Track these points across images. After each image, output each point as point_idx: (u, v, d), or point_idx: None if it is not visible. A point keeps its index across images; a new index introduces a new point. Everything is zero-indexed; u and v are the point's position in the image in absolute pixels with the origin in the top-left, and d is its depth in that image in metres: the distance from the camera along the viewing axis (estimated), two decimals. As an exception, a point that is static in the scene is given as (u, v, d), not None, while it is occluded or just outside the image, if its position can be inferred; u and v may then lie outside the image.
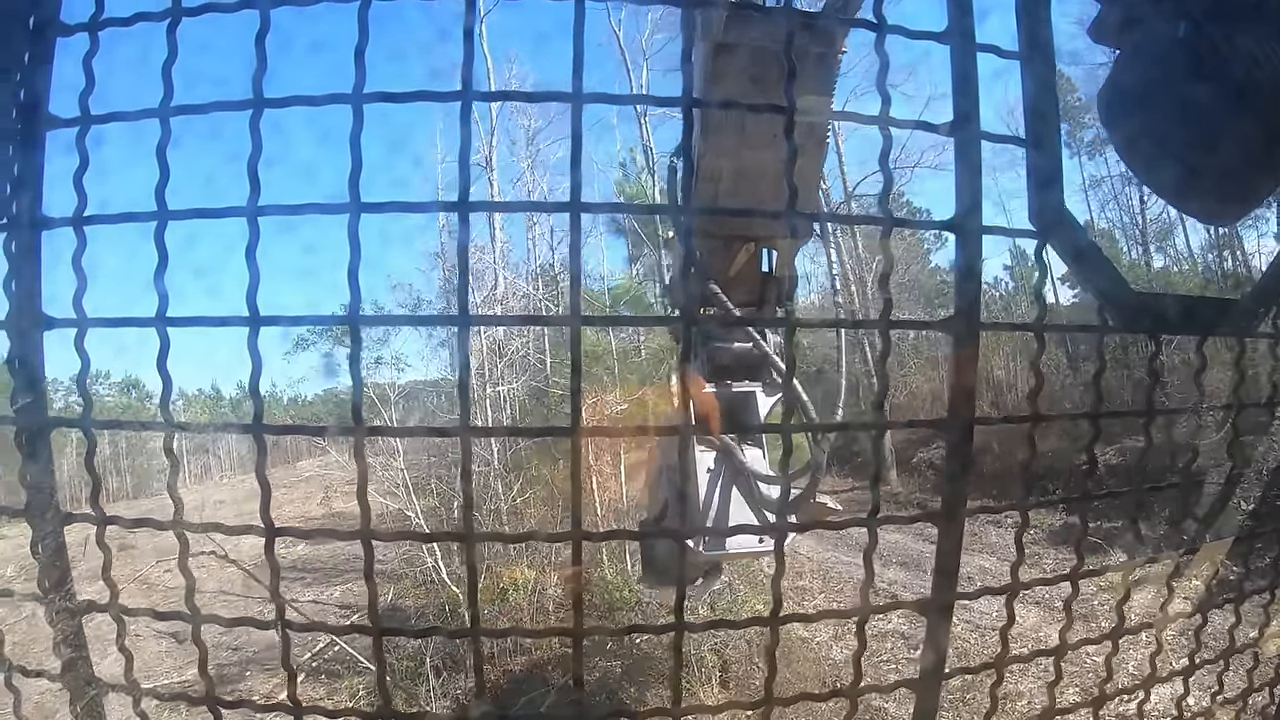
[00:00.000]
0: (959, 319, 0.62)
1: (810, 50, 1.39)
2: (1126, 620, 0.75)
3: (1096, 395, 0.72)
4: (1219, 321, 0.78)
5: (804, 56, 1.28)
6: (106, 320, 0.77)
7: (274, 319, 0.70)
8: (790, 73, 0.62)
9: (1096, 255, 0.69)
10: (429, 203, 0.65)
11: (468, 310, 0.59)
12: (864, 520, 0.63)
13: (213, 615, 0.74)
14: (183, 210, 0.73)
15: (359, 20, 0.68)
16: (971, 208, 0.62)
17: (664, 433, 0.63)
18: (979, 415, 0.64)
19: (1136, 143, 0.76)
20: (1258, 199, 0.84)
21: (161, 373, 0.74)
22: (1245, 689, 0.89)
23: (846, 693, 0.64)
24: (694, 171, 1.62)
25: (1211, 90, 0.75)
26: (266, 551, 0.66)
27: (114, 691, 0.80)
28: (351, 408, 0.62)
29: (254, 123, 0.70)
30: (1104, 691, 0.76)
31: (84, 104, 0.79)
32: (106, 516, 0.78)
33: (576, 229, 0.58)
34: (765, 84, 1.48)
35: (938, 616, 0.64)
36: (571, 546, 0.60)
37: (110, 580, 0.78)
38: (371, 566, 0.66)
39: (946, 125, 0.64)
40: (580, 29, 0.62)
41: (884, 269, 0.62)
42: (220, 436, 27.73)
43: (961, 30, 0.65)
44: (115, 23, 0.82)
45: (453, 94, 0.63)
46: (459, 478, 9.44)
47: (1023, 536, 0.68)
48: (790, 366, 0.71)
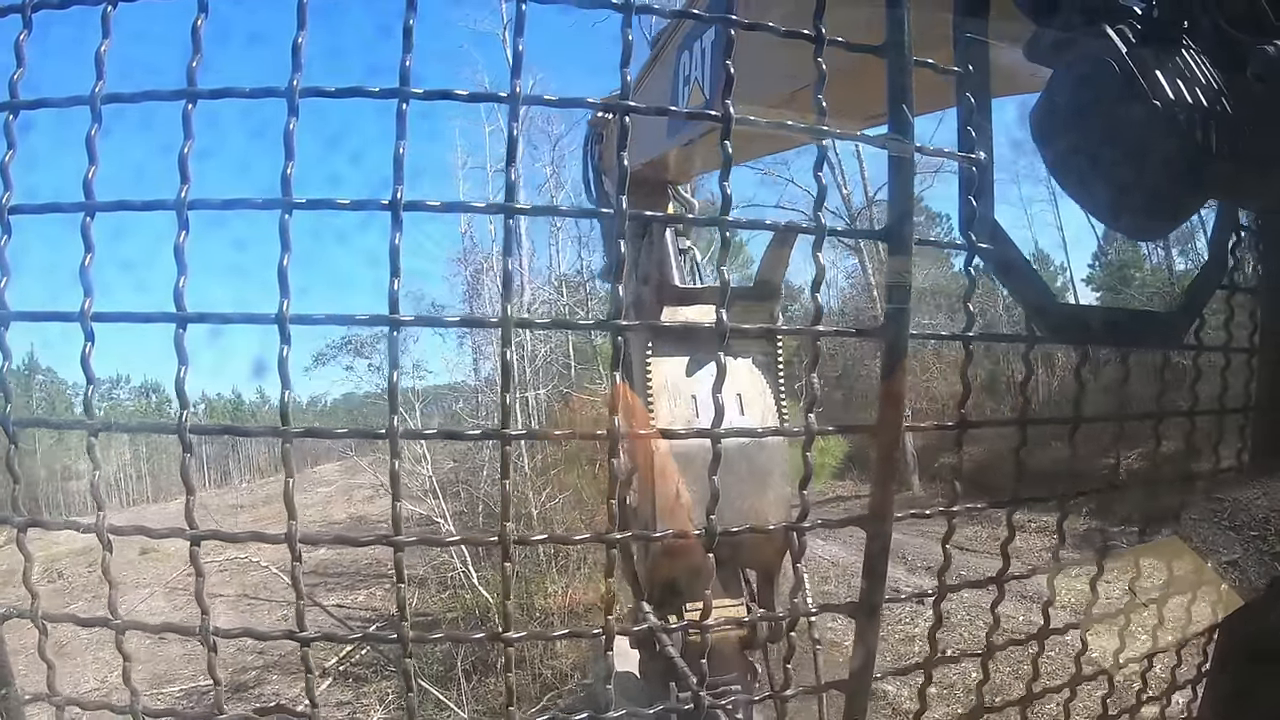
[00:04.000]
0: (888, 327, 0.63)
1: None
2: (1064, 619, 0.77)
3: (1024, 401, 0.75)
4: (1144, 333, 0.81)
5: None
6: (30, 314, 0.74)
7: (203, 316, 0.68)
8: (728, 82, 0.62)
9: (1025, 267, 0.72)
10: (366, 200, 0.64)
11: (397, 311, 0.58)
12: (793, 525, 0.64)
13: (137, 621, 0.72)
14: (111, 202, 0.71)
15: (297, 13, 0.66)
16: (902, 218, 0.64)
17: (592, 438, 0.63)
18: (910, 423, 0.66)
19: (1067, 160, 0.78)
20: (1185, 215, 0.88)
21: (85, 369, 0.71)
22: (1168, 686, 0.93)
23: (774, 695, 0.65)
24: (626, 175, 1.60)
25: (1141, 110, 0.78)
26: (191, 559, 0.64)
27: (35, 701, 0.77)
28: (281, 413, 0.60)
29: (186, 114, 0.68)
30: (1030, 691, 0.78)
31: (13, 88, 0.76)
32: (29, 520, 0.75)
33: (509, 230, 0.58)
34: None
35: (867, 618, 0.66)
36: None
37: (31, 586, 0.76)
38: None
39: (881, 137, 0.65)
40: (519, 31, 0.61)
41: (816, 277, 0.63)
42: (241, 441, 26.94)
43: (897, 44, 0.66)
44: (49, 5, 0.80)
45: (389, 91, 0.62)
46: (495, 480, 9.17)
47: (948, 541, 0.70)
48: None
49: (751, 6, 1.12)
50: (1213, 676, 0.98)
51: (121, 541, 0.70)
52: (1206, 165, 0.79)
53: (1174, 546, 0.85)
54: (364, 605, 12.17)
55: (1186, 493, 0.91)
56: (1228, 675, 0.97)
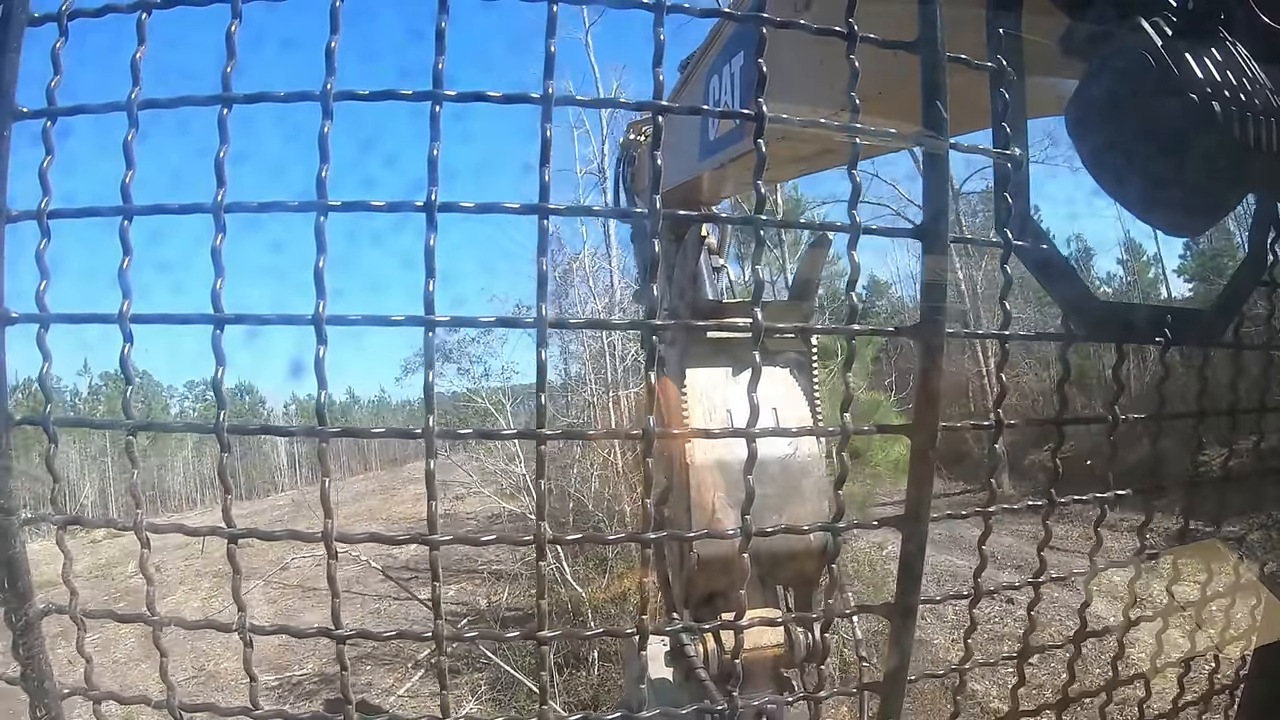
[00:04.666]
0: (925, 326, 0.62)
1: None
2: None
3: (1061, 401, 0.74)
4: (1182, 331, 0.79)
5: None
6: (70, 316, 0.76)
7: (241, 317, 0.69)
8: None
9: (1062, 264, 0.71)
10: (400, 202, 0.65)
11: (432, 311, 0.58)
12: (828, 525, 0.63)
13: (174, 618, 0.73)
14: (148, 205, 0.72)
15: (330, 17, 0.67)
16: (937, 216, 0.63)
17: (628, 437, 0.63)
18: (948, 423, 0.65)
19: (1103, 155, 0.77)
20: (1222, 212, 0.86)
21: (124, 370, 0.72)
22: (1206, 691, 0.91)
23: (810, 696, 0.65)
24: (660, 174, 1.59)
25: (1178, 104, 0.76)
26: (229, 558, 0.65)
27: (74, 695, 0.78)
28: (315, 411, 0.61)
29: (221, 118, 0.69)
30: (1067, 695, 0.77)
31: (51, 96, 0.78)
32: (68, 518, 0.77)
33: (543, 231, 0.58)
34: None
35: (902, 620, 0.65)
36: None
37: (70, 583, 0.77)
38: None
39: (915, 134, 0.64)
40: (550, 33, 0.62)
41: (851, 275, 0.63)
42: (331, 439, 28.02)
43: (930, 40, 0.65)
44: (85, 13, 0.81)
45: (422, 94, 0.62)
46: (585, 477, 9.27)
47: (984, 543, 0.69)
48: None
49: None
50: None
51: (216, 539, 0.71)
52: (1244, 159, 0.78)
53: (1214, 548, 0.84)
54: (454, 599, 12.35)
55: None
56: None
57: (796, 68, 1.15)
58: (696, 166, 1.89)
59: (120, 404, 0.73)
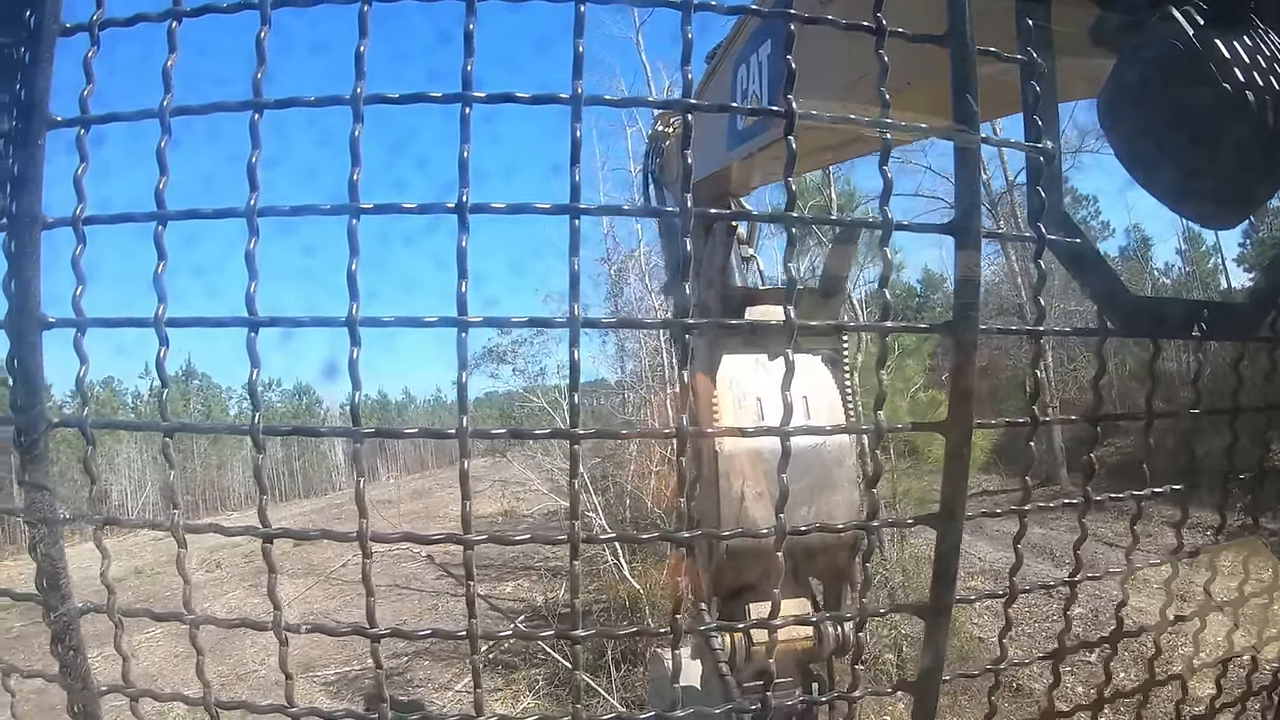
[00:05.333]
0: (958, 323, 0.62)
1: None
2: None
3: (1096, 398, 0.72)
4: (1218, 326, 0.78)
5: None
6: (105, 320, 0.77)
7: (275, 319, 0.70)
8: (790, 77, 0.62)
9: (1095, 258, 0.69)
10: (431, 204, 0.65)
11: (465, 312, 0.59)
12: (863, 524, 0.63)
13: (208, 616, 0.74)
14: (182, 210, 0.73)
15: (359, 22, 0.68)
16: (970, 211, 0.62)
17: (660, 436, 0.63)
18: (982, 420, 0.64)
19: (1135, 145, 0.76)
20: (1256, 203, 0.84)
21: (159, 372, 0.74)
22: (1243, 693, 0.89)
23: (844, 696, 0.64)
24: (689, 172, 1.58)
25: (1211, 93, 0.75)
26: (264, 556, 0.66)
27: (111, 692, 0.80)
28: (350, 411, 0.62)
29: (253, 124, 0.70)
30: (1102, 695, 0.76)
31: (84, 104, 0.79)
32: (106, 518, 0.78)
33: (574, 231, 0.59)
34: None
35: (935, 619, 0.64)
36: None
37: (108, 582, 0.78)
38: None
39: (946, 128, 0.64)
40: (579, 33, 0.62)
41: (884, 272, 0.62)
42: (388, 440, 28.94)
43: (960, 33, 0.65)
44: (116, 23, 0.82)
45: (452, 96, 0.63)
46: (642, 474, 9.24)
47: (1019, 540, 0.68)
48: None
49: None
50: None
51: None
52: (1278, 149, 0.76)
53: (1253, 546, 0.82)
54: (511, 595, 12.48)
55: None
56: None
57: (821, 56, 1.14)
58: (725, 156, 1.89)
59: (157, 406, 0.75)
